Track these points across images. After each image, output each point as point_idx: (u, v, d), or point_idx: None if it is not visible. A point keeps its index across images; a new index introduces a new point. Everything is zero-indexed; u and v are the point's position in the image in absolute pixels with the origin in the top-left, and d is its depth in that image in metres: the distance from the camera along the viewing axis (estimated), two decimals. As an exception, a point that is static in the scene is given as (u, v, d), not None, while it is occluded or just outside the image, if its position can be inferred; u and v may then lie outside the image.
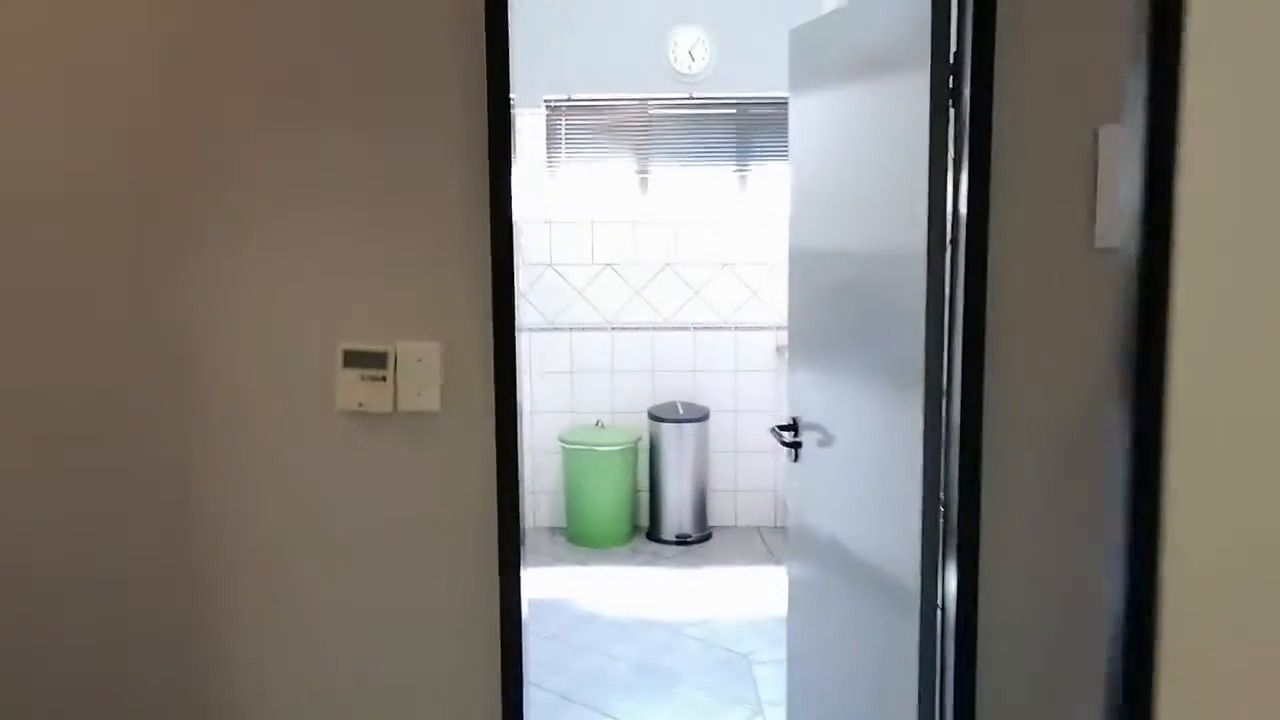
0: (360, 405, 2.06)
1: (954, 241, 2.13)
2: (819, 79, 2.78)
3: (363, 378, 2.05)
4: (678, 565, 5.28)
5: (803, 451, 2.92)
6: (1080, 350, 2.04)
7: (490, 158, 2.09)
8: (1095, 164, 2.00)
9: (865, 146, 2.49)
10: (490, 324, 2.10)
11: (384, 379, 2.05)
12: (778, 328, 5.75)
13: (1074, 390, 2.06)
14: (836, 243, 2.68)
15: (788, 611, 3.15)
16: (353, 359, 2.05)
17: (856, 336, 2.57)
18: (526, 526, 5.84)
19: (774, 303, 5.73)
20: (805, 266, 2.92)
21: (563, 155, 5.72)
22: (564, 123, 5.71)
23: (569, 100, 5.66)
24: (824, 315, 2.79)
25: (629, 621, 4.56)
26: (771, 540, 5.64)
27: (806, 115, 2.90)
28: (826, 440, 2.79)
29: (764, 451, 5.82)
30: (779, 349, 5.72)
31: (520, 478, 2.22)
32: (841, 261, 2.65)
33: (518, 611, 2.19)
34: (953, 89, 2.11)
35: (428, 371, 2.08)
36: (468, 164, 2.09)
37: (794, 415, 2.98)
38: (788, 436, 2.95)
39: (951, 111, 2.13)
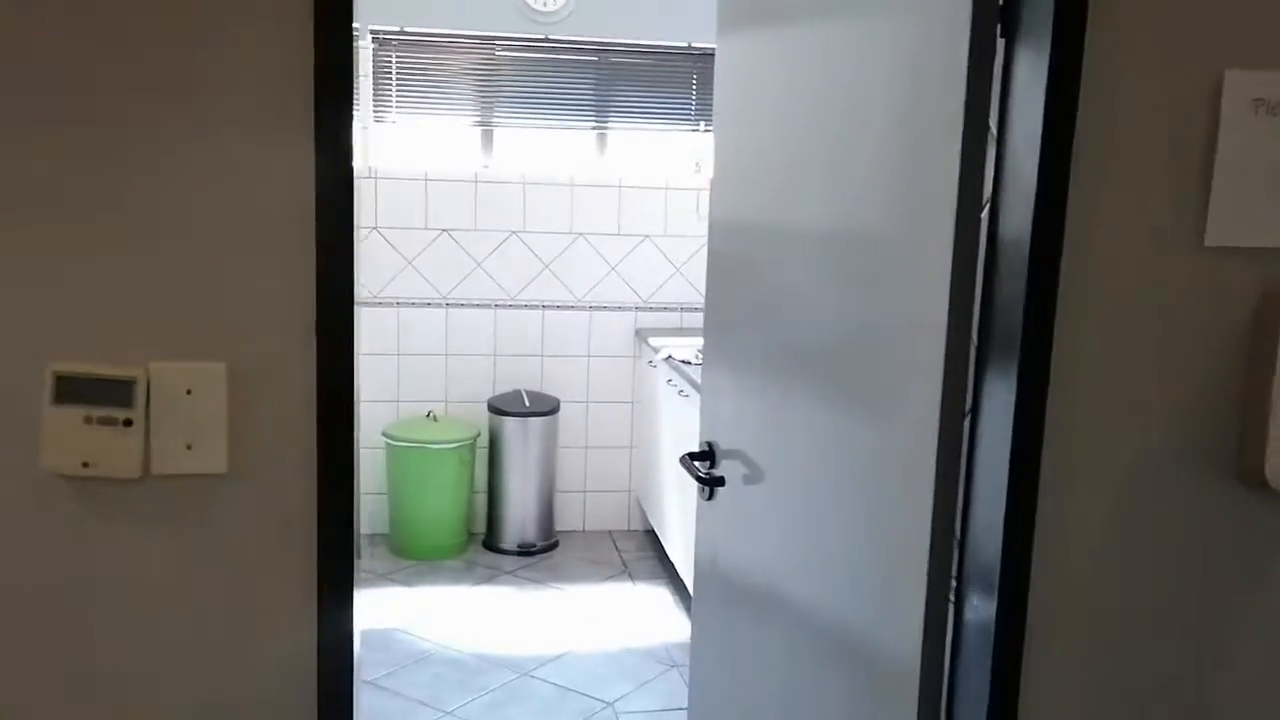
0: (86, 466, 1.25)
1: (994, 229, 1.49)
2: (766, 8, 2.10)
3: (90, 420, 1.24)
4: (522, 583, 4.56)
5: (721, 488, 2.24)
6: (1173, 379, 1.44)
7: (320, 89, 1.31)
8: (1214, 125, 1.38)
9: (841, 96, 1.82)
10: (313, 335, 1.33)
11: (127, 423, 1.25)
12: (637, 308, 5.07)
13: (1156, 430, 1.45)
14: (784, 220, 2.00)
15: (691, 681, 2.49)
16: (71, 389, 1.24)
17: (813, 342, 1.91)
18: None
19: (635, 279, 5.06)
20: (733, 249, 2.24)
21: (392, 99, 4.86)
22: (394, 60, 4.84)
23: (401, 33, 4.80)
24: (759, 311, 2.12)
25: (469, 660, 3.82)
26: (625, 546, 5.00)
27: (743, 57, 2.22)
28: (754, 475, 2.13)
29: (619, 447, 5.16)
30: (638, 332, 5.05)
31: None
32: (791, 245, 1.98)
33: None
34: (1007, 8, 1.46)
35: (205, 410, 1.29)
36: (282, 93, 1.31)
37: (709, 440, 2.30)
38: (702, 469, 2.27)
39: (1000, 44, 1.47)
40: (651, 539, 4.96)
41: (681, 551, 4.24)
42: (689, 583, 4.12)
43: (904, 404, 1.59)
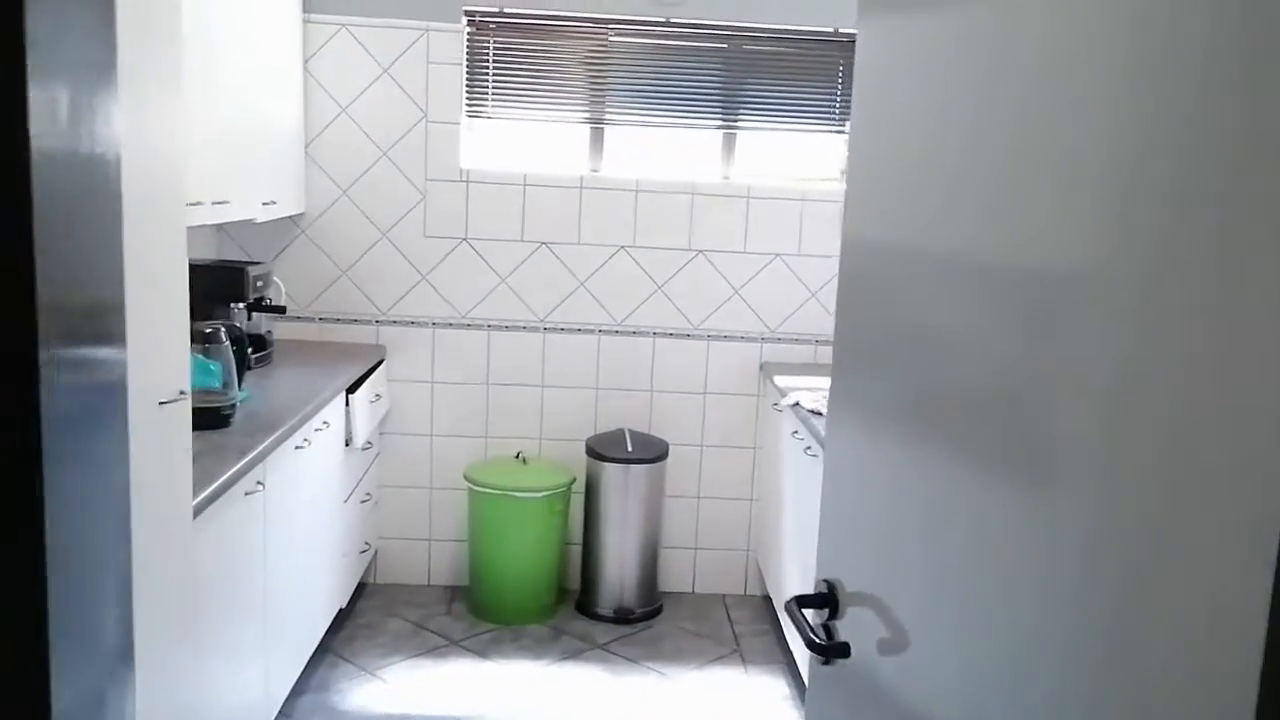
0: None
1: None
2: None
3: None
4: (615, 662, 3.87)
5: (845, 657, 1.50)
6: None
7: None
8: None
9: (1057, 88, 1.05)
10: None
11: None
12: (763, 339, 4.33)
13: None
14: (972, 247, 1.25)
15: None
16: None
17: (1018, 427, 1.14)
18: (417, 583, 4.42)
19: (762, 305, 4.31)
20: (878, 284, 1.50)
21: (489, 91, 4.24)
22: (491, 46, 4.22)
23: (500, 15, 4.18)
24: (920, 371, 1.37)
25: (536, 767, 3.15)
26: (739, 616, 4.26)
27: (895, 35, 1.47)
28: (896, 640, 1.38)
29: (736, 499, 4.42)
30: (764, 367, 4.31)
31: None
32: (967, 278, 1.22)
33: None
34: None
35: None
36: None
37: (828, 578, 1.56)
38: (817, 623, 1.53)
39: None
40: (769, 609, 4.21)
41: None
42: (805, 673, 3.36)
43: (1213, 530, 0.83)
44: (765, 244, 4.29)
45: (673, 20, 4.19)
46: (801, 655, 3.45)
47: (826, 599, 1.53)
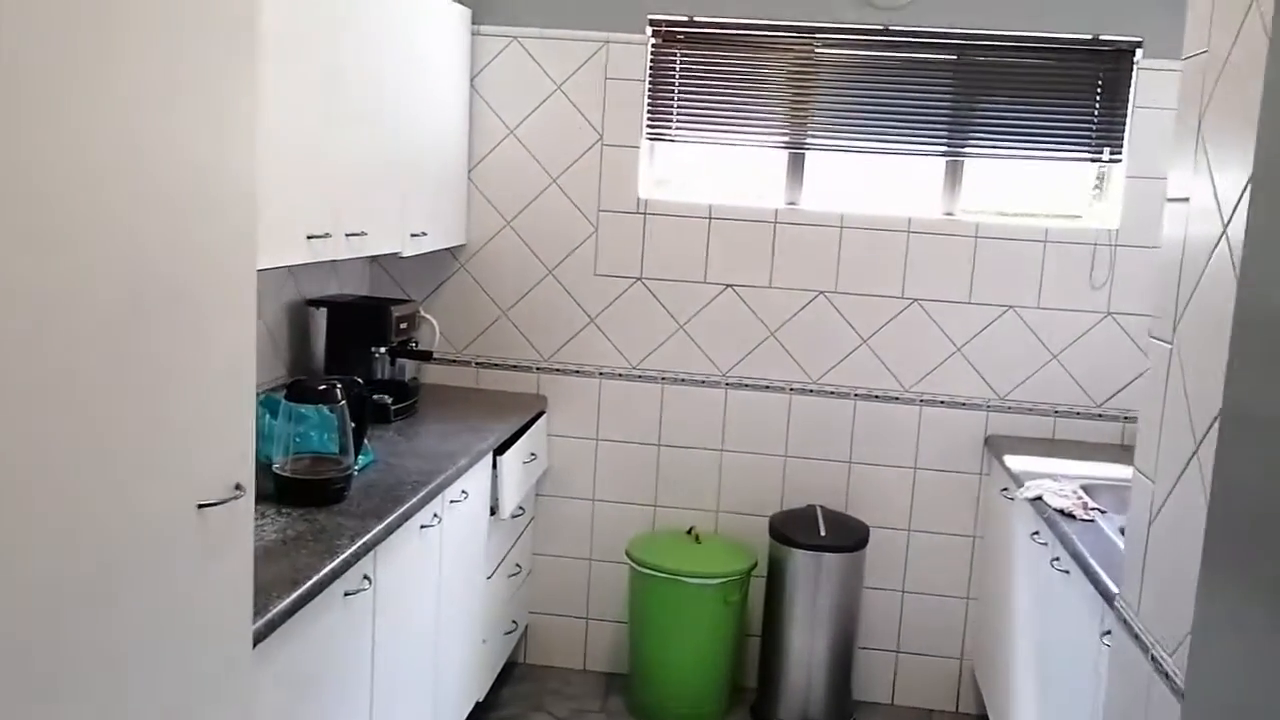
0: None
1: None
2: None
3: None
4: (794, 790, 3.21)
5: None
6: None
7: None
8: None
9: None
10: None
11: None
12: (989, 407, 3.60)
13: None
14: None
15: None
16: None
17: None
18: (570, 667, 3.85)
19: (989, 366, 3.59)
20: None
21: (674, 111, 3.69)
22: (679, 60, 3.68)
23: (690, 24, 3.63)
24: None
25: None
26: (950, 743, 3.52)
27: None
28: None
29: (951, 597, 3.69)
30: (989, 441, 3.58)
31: None
32: None
33: None
34: None
35: None
36: None
37: None
38: None
39: None
40: (989, 736, 3.45)
41: (1039, 802, 2.74)
42: None
43: None
44: (996, 293, 3.57)
45: (891, 27, 3.54)
46: (1036, 821, 2.71)
47: None
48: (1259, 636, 1.01)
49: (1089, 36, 3.48)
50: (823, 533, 3.47)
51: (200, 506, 1.44)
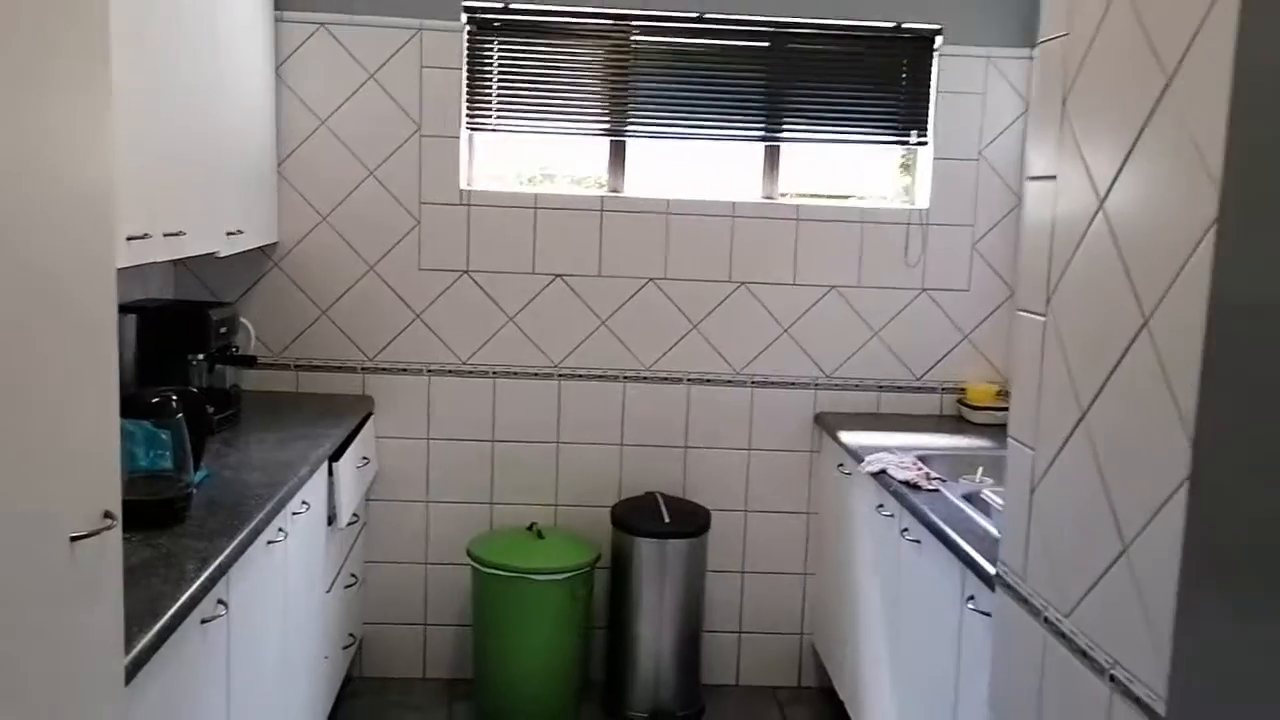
0: None
1: None
2: None
3: None
4: (655, 778, 3.21)
5: None
6: None
7: None
8: None
9: None
10: None
11: None
12: (818, 385, 3.70)
13: None
14: None
15: None
16: None
17: None
18: (410, 676, 3.69)
19: (815, 346, 3.69)
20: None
21: (493, 98, 3.60)
22: (497, 49, 3.59)
23: (506, 11, 3.55)
24: None
25: None
26: (796, 714, 3.61)
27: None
28: None
29: (788, 574, 3.78)
30: (819, 419, 3.68)
31: None
32: None
33: None
34: None
35: None
36: None
37: None
38: None
39: None
40: (833, 706, 3.55)
41: (896, 764, 2.85)
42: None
43: None
44: (818, 274, 3.67)
45: (706, 15, 3.58)
46: (896, 782, 2.81)
47: None
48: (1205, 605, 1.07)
49: (892, 25, 3.62)
50: (666, 519, 3.48)
51: (72, 539, 1.28)
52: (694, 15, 3.58)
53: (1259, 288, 1.02)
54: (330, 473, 3.02)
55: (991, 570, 1.96)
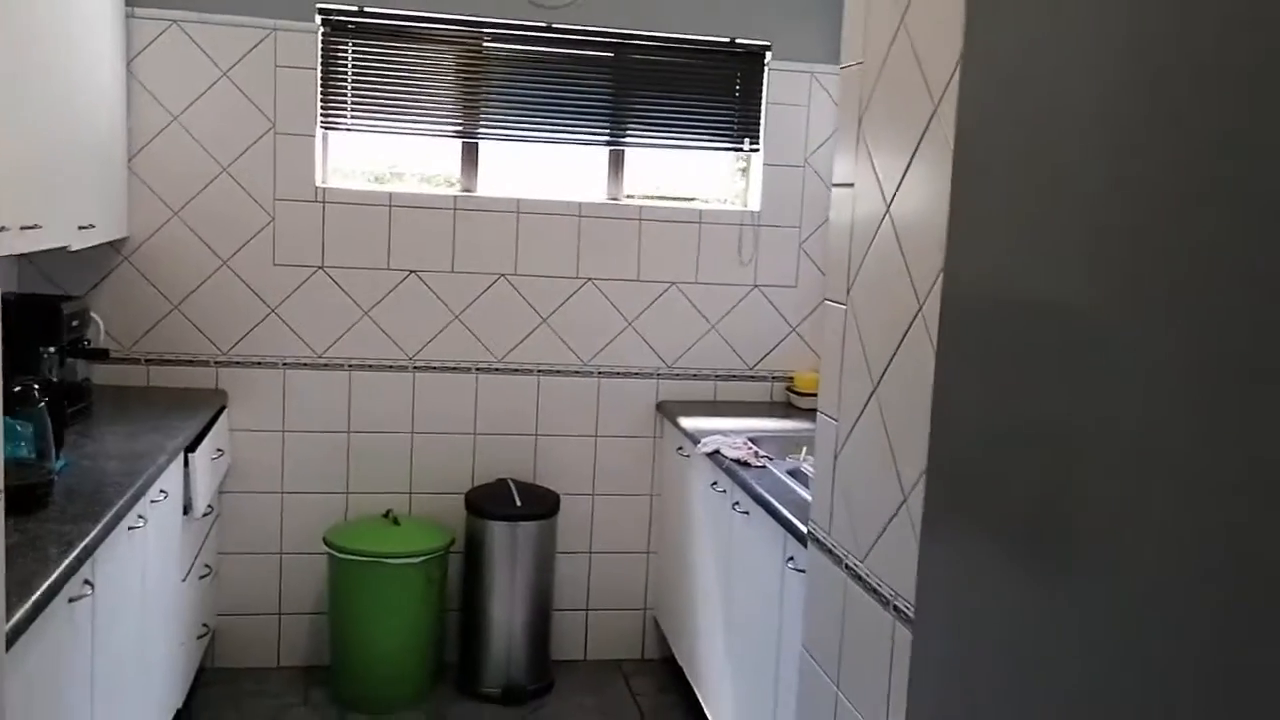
0: None
1: None
2: None
3: None
4: (508, 747, 3.39)
5: None
6: None
7: None
8: None
9: None
10: None
11: None
12: (659, 375, 3.94)
13: None
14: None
15: None
16: None
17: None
18: (264, 666, 3.79)
19: (656, 339, 3.93)
20: (1018, 353, 1.13)
21: (348, 101, 3.72)
22: (351, 51, 3.70)
23: (360, 14, 3.67)
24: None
25: None
26: (641, 686, 3.84)
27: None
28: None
29: (632, 553, 4.01)
30: (661, 406, 3.92)
31: None
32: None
33: None
34: None
35: None
36: None
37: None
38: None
39: None
40: (674, 673, 3.80)
41: (718, 697, 3.10)
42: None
43: None
44: (659, 271, 3.91)
45: (554, 25, 3.77)
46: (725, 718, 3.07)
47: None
48: (950, 543, 1.31)
49: (727, 40, 3.89)
50: (518, 503, 3.66)
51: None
52: (543, 25, 3.76)
53: (981, 281, 1.28)
54: (186, 463, 3.09)
55: (805, 530, 2.22)
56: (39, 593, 1.82)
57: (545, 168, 3.98)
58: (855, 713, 1.85)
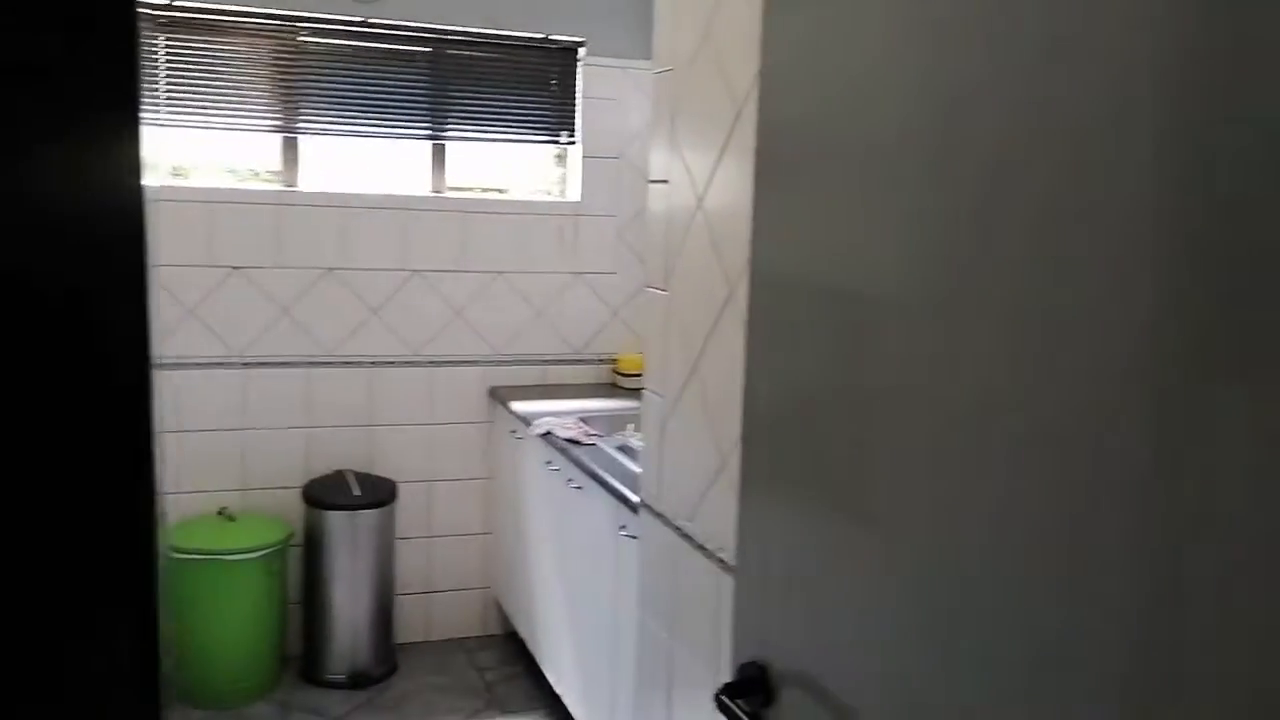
0: None
1: None
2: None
3: None
4: (357, 731, 3.48)
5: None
6: None
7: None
8: None
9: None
10: None
11: None
12: (490, 362, 4.08)
13: None
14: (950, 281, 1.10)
15: None
16: None
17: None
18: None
19: (486, 327, 4.06)
20: (806, 326, 1.33)
21: (162, 96, 3.69)
22: (164, 45, 3.67)
23: (171, 8, 3.64)
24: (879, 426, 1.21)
25: None
26: (485, 661, 3.98)
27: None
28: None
29: (469, 534, 4.14)
30: (492, 392, 4.06)
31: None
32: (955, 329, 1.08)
33: None
34: None
35: None
36: None
37: (756, 657, 1.37)
38: (741, 711, 1.33)
39: None
40: (516, 646, 3.97)
41: (560, 664, 3.28)
42: (576, 712, 3.18)
43: None
44: (485, 262, 4.04)
45: (370, 20, 3.84)
46: (574, 698, 3.25)
47: (757, 684, 1.35)
48: (762, 500, 1.52)
49: (541, 36, 4.04)
50: (356, 492, 3.73)
51: None
52: (359, 20, 3.82)
53: (780, 268, 1.48)
54: None
55: (637, 500, 2.41)
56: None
57: (369, 161, 4.04)
58: (690, 661, 2.05)
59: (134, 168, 1.15)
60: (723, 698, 1.32)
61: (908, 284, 1.14)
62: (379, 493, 3.80)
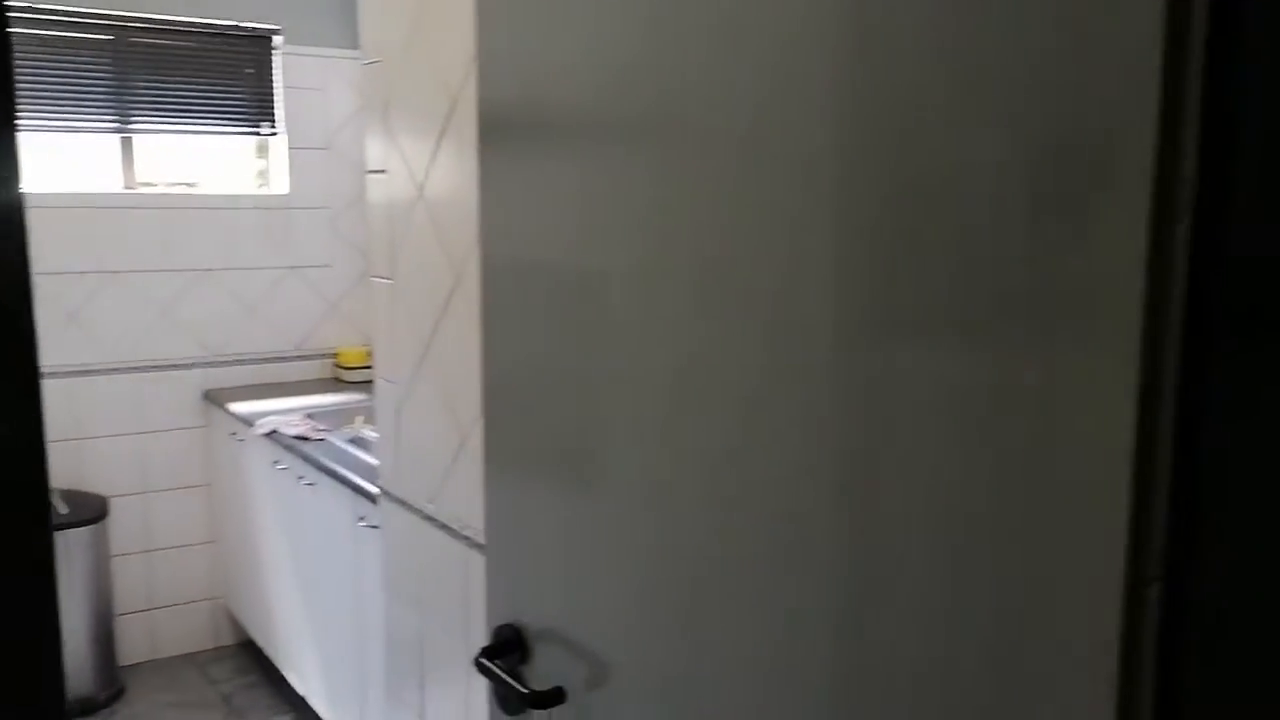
0: None
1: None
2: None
3: None
4: (85, 762, 3.29)
5: (561, 702, 1.41)
6: None
7: None
8: None
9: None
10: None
11: None
12: (204, 364, 3.92)
13: None
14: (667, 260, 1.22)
15: None
16: None
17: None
18: None
19: (196, 328, 3.89)
20: (538, 311, 1.42)
21: None
22: None
23: None
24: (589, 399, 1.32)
25: None
26: (219, 673, 3.85)
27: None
28: (600, 675, 1.34)
29: (194, 545, 3.97)
30: (208, 395, 3.90)
31: None
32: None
33: None
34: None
35: None
36: None
37: (512, 621, 1.46)
38: (503, 670, 1.42)
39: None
40: (252, 655, 3.86)
41: (302, 666, 3.25)
42: (323, 712, 3.16)
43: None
44: (190, 260, 3.87)
45: (40, 5, 3.57)
46: (320, 699, 3.21)
47: (513, 644, 1.43)
48: (506, 479, 1.60)
49: (230, 23, 3.90)
50: (65, 511, 3.50)
51: None
52: (24, 5, 3.55)
53: (509, 250, 1.57)
54: None
55: (375, 490, 2.43)
56: None
57: (52, 157, 3.77)
58: (442, 639, 2.11)
59: (12, 176, 1.08)
60: (482, 660, 1.40)
61: (619, 258, 1.26)
62: (88, 509, 3.58)
